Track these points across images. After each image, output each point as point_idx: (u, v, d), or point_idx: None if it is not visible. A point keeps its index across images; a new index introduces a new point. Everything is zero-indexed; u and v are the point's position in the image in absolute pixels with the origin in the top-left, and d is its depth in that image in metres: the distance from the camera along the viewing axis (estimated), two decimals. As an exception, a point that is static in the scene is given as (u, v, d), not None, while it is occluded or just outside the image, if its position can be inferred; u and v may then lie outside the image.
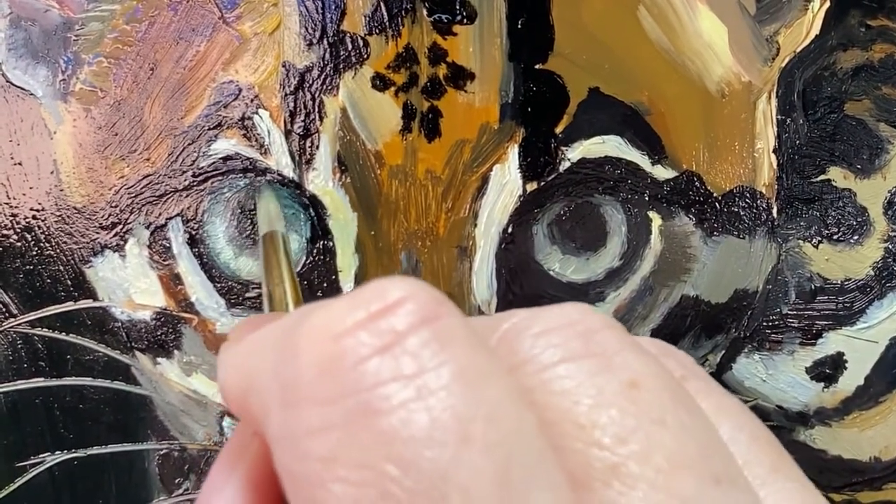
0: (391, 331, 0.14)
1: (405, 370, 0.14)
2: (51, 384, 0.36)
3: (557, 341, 0.16)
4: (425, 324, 0.14)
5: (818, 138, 0.37)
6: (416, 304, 0.15)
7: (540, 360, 0.16)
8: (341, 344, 0.14)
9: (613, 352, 0.16)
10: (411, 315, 0.14)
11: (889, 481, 0.40)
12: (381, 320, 0.14)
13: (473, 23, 0.35)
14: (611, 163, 0.36)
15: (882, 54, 0.38)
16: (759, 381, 0.39)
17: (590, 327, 0.16)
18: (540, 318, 0.16)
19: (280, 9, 0.35)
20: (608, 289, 0.37)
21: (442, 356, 0.14)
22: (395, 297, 0.15)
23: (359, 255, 0.35)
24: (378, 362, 0.14)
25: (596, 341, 0.16)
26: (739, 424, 0.17)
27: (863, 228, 0.38)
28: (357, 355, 0.14)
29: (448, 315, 0.15)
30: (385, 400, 0.14)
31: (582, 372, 0.15)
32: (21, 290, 0.35)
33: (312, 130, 0.35)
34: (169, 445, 0.36)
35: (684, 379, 0.18)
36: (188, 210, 0.35)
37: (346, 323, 0.14)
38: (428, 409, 0.14)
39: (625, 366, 0.16)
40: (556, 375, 0.15)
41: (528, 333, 0.16)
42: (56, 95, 0.35)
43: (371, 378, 0.14)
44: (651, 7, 0.36)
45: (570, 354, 0.16)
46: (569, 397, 0.15)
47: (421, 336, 0.14)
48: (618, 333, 0.16)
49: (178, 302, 0.35)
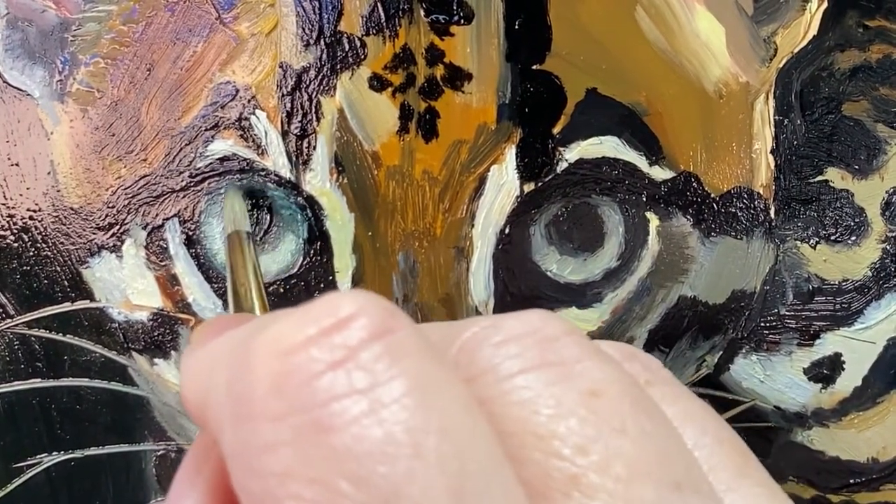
0: (343, 346, 0.14)
1: (357, 385, 0.14)
2: (48, 385, 0.36)
3: (516, 351, 0.16)
4: (377, 338, 0.14)
5: (816, 139, 0.37)
6: (368, 318, 0.15)
7: (499, 371, 0.16)
8: (293, 360, 0.14)
9: (574, 360, 0.16)
10: (363, 329, 0.14)
11: (887, 482, 0.40)
12: (334, 335, 0.14)
13: (471, 23, 0.35)
14: (608, 163, 0.36)
15: (880, 55, 0.37)
16: (757, 381, 0.39)
17: (550, 335, 0.16)
18: (500, 327, 0.16)
19: (277, 9, 0.35)
20: (606, 289, 0.37)
21: (394, 369, 0.14)
22: (347, 312, 0.15)
23: (356, 255, 0.35)
24: (330, 378, 0.14)
25: (556, 350, 0.16)
26: (704, 428, 0.17)
27: (860, 229, 0.38)
28: (308, 371, 0.14)
29: (401, 328, 0.15)
30: (337, 416, 0.14)
31: (540, 382, 0.15)
32: (18, 290, 0.35)
33: (309, 131, 0.35)
34: (166, 446, 0.36)
35: (649, 384, 0.17)
36: (185, 211, 0.35)
37: (298, 338, 0.14)
38: (380, 423, 0.13)
39: (585, 374, 0.16)
40: (515, 386, 0.15)
41: (488, 343, 0.16)
42: (53, 96, 0.35)
43: (323, 394, 0.14)
44: (648, 7, 0.36)
45: (529, 364, 0.16)
46: (527, 407, 0.15)
47: (373, 350, 0.14)
48: (578, 340, 0.16)
49: (176, 303, 0.35)
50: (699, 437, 0.17)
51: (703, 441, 0.17)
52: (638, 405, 0.15)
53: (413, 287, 0.36)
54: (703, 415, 0.18)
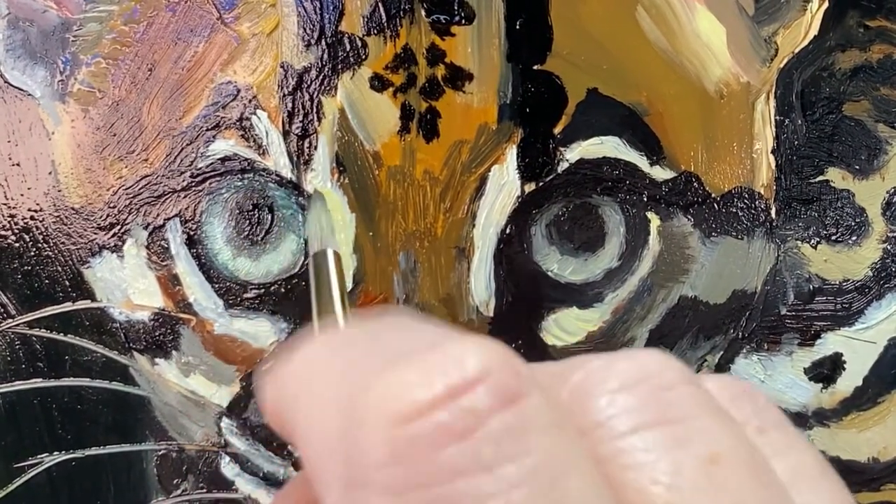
0: (471, 412, 0.13)
1: (485, 460, 0.13)
2: (49, 385, 0.36)
3: (633, 403, 0.15)
4: (507, 405, 0.13)
5: (817, 139, 0.37)
6: (496, 379, 0.13)
7: (614, 427, 0.15)
8: (416, 426, 0.13)
9: (692, 416, 0.15)
10: (493, 394, 0.13)
11: (887, 482, 0.40)
12: (461, 399, 0.13)
13: (472, 23, 0.35)
14: (609, 163, 0.36)
15: (880, 55, 0.37)
16: (758, 381, 0.39)
17: (665, 384, 0.15)
18: (613, 370, 0.15)
19: (278, 9, 0.35)
20: (606, 289, 0.37)
21: (524, 444, 0.13)
22: (474, 370, 0.13)
23: (357, 255, 0.35)
24: (457, 451, 0.13)
25: (673, 403, 0.15)
26: (817, 490, 0.16)
27: (861, 229, 0.38)
28: (434, 441, 0.13)
29: (530, 393, 0.14)
30: (464, 495, 0.13)
31: (658, 444, 0.14)
32: (19, 290, 0.35)
33: (310, 131, 0.35)
34: (167, 446, 0.36)
35: (761, 432, 0.16)
36: (186, 211, 0.35)
37: (421, 399, 0.13)
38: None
39: (704, 435, 0.15)
40: (632, 447, 0.14)
41: (602, 389, 0.15)
42: (54, 96, 0.35)
43: (448, 469, 0.13)
44: (649, 8, 0.36)
45: (646, 421, 0.15)
46: (645, 473, 0.14)
47: (503, 420, 0.13)
48: (695, 391, 0.15)
49: (177, 302, 0.35)
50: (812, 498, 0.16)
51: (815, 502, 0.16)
52: (756, 473, 0.15)
53: (414, 287, 0.36)
54: (817, 473, 0.17)
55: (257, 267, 0.35)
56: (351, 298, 0.35)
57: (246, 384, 0.36)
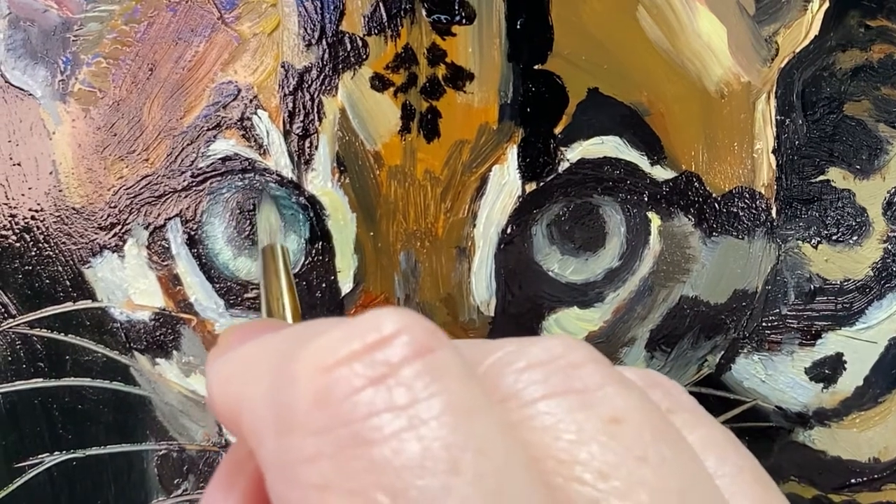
0: (385, 362, 0.15)
1: (398, 401, 0.14)
2: (49, 385, 0.36)
3: (539, 377, 0.16)
4: (419, 356, 0.15)
5: (817, 139, 0.37)
6: (410, 336, 0.15)
7: (521, 397, 0.16)
8: (335, 374, 0.15)
9: (595, 387, 0.16)
10: (405, 347, 0.15)
11: (888, 482, 0.40)
12: (376, 352, 0.15)
13: (472, 23, 0.35)
14: (610, 163, 0.36)
15: (881, 55, 0.37)
16: (759, 381, 0.39)
17: (573, 362, 0.16)
18: (524, 352, 0.17)
19: (279, 9, 0.35)
20: (607, 289, 0.37)
21: (434, 387, 0.14)
22: (390, 330, 0.15)
23: (358, 255, 0.35)
24: (371, 393, 0.14)
25: (578, 377, 0.16)
26: (725, 456, 0.17)
27: (862, 229, 0.38)
28: (351, 386, 0.14)
29: (441, 347, 0.15)
30: (377, 430, 0.14)
31: (562, 408, 0.16)
32: (20, 290, 0.35)
33: (311, 131, 0.35)
34: (168, 446, 0.36)
35: (671, 412, 0.18)
36: (187, 211, 0.35)
37: (341, 353, 0.15)
38: (419, 438, 0.14)
39: (606, 401, 0.16)
40: (538, 412, 0.16)
41: (512, 368, 0.16)
42: (55, 96, 0.35)
43: (364, 408, 0.14)
44: (650, 7, 0.36)
45: (551, 391, 0.16)
46: (550, 433, 0.15)
47: (414, 368, 0.15)
48: (601, 368, 0.16)
49: (177, 302, 0.35)
50: (720, 466, 0.17)
51: (723, 469, 0.17)
52: (659, 433, 0.16)
53: (415, 287, 0.36)
54: (724, 442, 0.18)
55: (258, 267, 0.35)
56: (352, 298, 0.35)
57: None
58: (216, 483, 0.18)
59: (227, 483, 0.18)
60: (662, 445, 0.15)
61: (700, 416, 0.18)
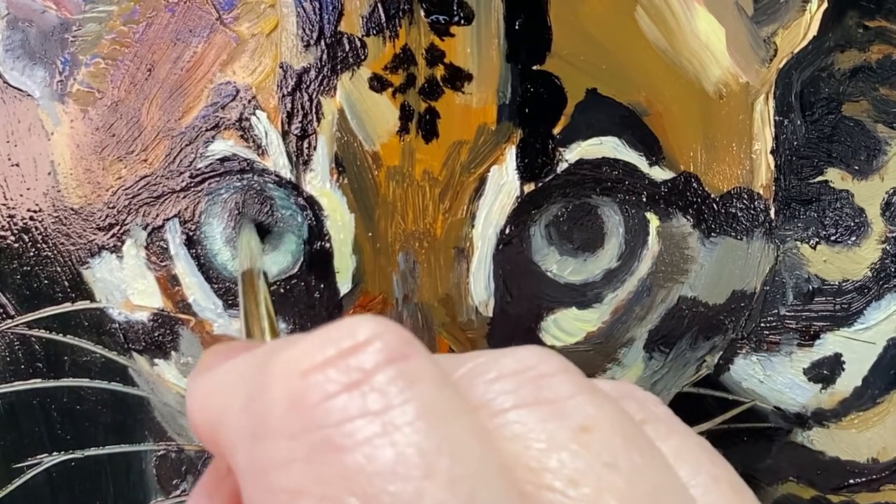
0: (359, 368, 0.15)
1: (371, 406, 0.14)
2: (48, 385, 0.36)
3: (510, 387, 0.16)
4: (392, 362, 0.15)
5: (816, 139, 0.37)
6: (384, 343, 0.15)
7: (492, 406, 0.16)
8: (309, 380, 0.15)
9: (566, 396, 0.16)
10: (379, 353, 0.15)
11: (887, 482, 0.40)
12: (350, 358, 0.15)
13: (471, 24, 0.35)
14: (608, 164, 0.36)
15: (880, 55, 0.38)
16: (757, 382, 0.39)
17: (543, 372, 0.16)
18: (496, 363, 0.17)
19: (277, 10, 0.35)
20: (606, 290, 0.37)
21: (408, 393, 0.14)
22: (365, 336, 0.15)
23: (356, 256, 0.35)
24: (345, 399, 0.14)
25: (548, 387, 0.16)
26: (698, 466, 0.17)
27: (860, 229, 0.38)
28: (324, 391, 0.14)
29: (415, 355, 0.15)
30: (350, 435, 0.14)
31: (532, 417, 0.16)
32: (18, 291, 0.35)
33: (310, 131, 0.35)
34: (166, 446, 0.36)
35: (644, 422, 0.18)
36: (185, 211, 0.35)
37: (316, 359, 0.15)
38: (393, 444, 0.14)
39: (577, 410, 0.16)
40: (508, 421, 0.16)
41: (483, 379, 0.16)
42: (53, 96, 0.35)
43: (337, 414, 0.14)
44: (648, 8, 0.36)
45: (522, 401, 0.16)
46: (520, 442, 0.15)
47: (388, 374, 0.15)
48: (572, 378, 0.16)
49: (176, 303, 0.35)
50: (694, 475, 0.17)
51: (697, 479, 0.17)
52: (630, 440, 0.16)
53: (413, 287, 0.36)
54: (698, 451, 0.18)
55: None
56: (350, 298, 0.35)
57: (245, 384, 0.36)
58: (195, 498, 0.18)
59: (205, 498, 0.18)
60: (633, 452, 0.15)
61: (674, 426, 0.18)
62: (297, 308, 0.35)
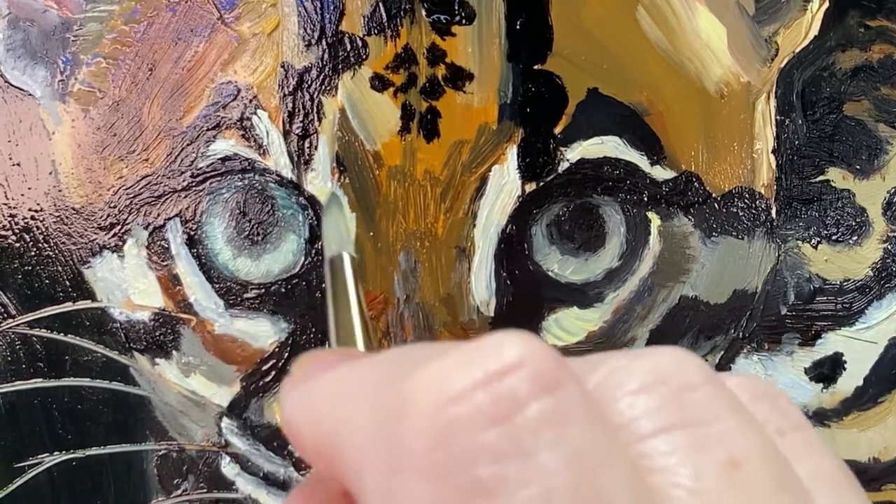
0: (510, 396, 0.13)
1: (524, 446, 0.13)
2: (49, 385, 0.36)
3: (653, 405, 0.15)
4: (545, 391, 0.14)
5: (817, 139, 0.37)
6: (534, 366, 0.14)
7: (636, 430, 0.15)
8: (457, 410, 0.13)
9: (713, 418, 0.15)
10: (530, 381, 0.14)
11: (888, 482, 0.40)
12: (498, 384, 0.13)
13: (472, 23, 0.35)
14: (610, 163, 0.36)
15: (881, 55, 0.37)
16: (758, 381, 0.39)
17: (687, 383, 0.15)
18: (633, 370, 0.15)
19: (279, 9, 0.35)
20: (607, 289, 0.37)
21: (563, 432, 0.13)
22: (513, 358, 0.14)
23: (357, 255, 0.35)
24: (496, 435, 0.13)
25: (693, 405, 0.15)
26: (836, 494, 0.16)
27: (862, 229, 0.38)
28: (474, 424, 0.13)
29: (566, 382, 0.14)
30: (501, 479, 0.13)
31: (679, 447, 0.15)
32: (19, 290, 0.35)
33: (311, 131, 0.35)
34: (167, 446, 0.36)
35: (781, 433, 0.16)
36: (187, 211, 0.35)
37: (461, 383, 0.13)
38: (546, 493, 0.13)
39: (725, 438, 0.15)
40: (655, 450, 0.14)
41: (623, 391, 0.15)
42: (54, 96, 0.35)
43: (488, 452, 0.13)
44: (650, 7, 0.36)
45: (668, 423, 0.15)
46: (667, 477, 0.14)
47: (541, 405, 0.13)
48: (716, 391, 0.15)
49: (177, 302, 0.35)
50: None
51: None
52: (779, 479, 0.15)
53: (414, 287, 0.36)
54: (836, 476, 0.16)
55: (257, 267, 0.35)
56: (351, 298, 0.35)
57: (246, 384, 0.36)
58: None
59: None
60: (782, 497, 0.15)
61: (810, 440, 0.17)
62: (298, 308, 0.35)
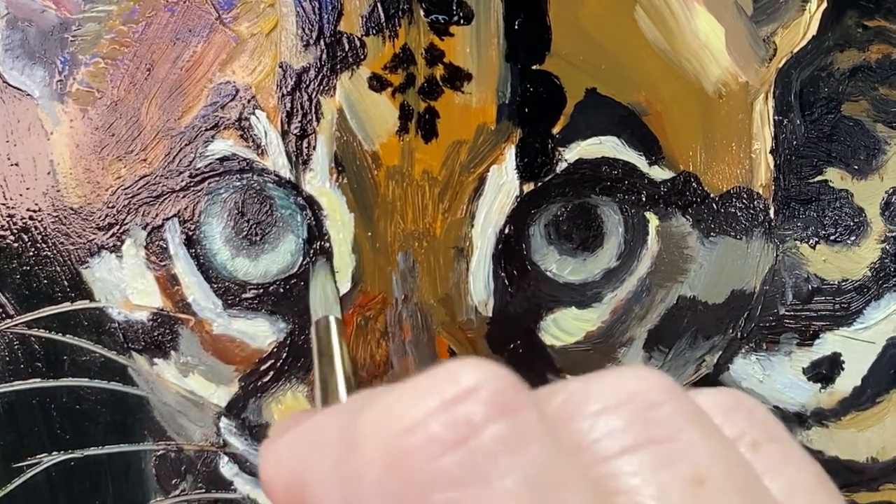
0: (466, 422, 0.13)
1: (481, 470, 0.13)
2: (47, 385, 0.36)
3: (617, 424, 0.15)
4: (501, 414, 0.13)
5: (815, 139, 0.37)
6: (490, 391, 0.14)
7: (599, 451, 0.14)
8: (410, 438, 0.13)
9: (676, 433, 0.15)
10: (486, 404, 0.13)
11: (886, 482, 0.40)
12: (454, 409, 0.13)
13: (470, 23, 0.35)
14: (608, 163, 0.36)
15: (879, 55, 0.38)
16: (756, 381, 0.39)
17: (651, 402, 0.15)
18: (595, 391, 0.15)
19: (277, 9, 0.35)
20: (605, 290, 0.37)
21: (519, 456, 0.13)
22: (469, 383, 0.14)
23: (355, 255, 0.35)
24: (452, 460, 0.13)
25: (658, 422, 0.15)
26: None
27: (860, 229, 0.38)
28: (429, 452, 0.13)
29: (523, 406, 0.14)
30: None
31: (644, 466, 0.14)
32: (18, 290, 0.35)
33: (309, 131, 0.35)
34: (166, 446, 0.36)
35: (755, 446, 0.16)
36: (185, 211, 0.35)
37: (416, 412, 0.13)
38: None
39: (689, 454, 0.14)
40: (620, 471, 0.14)
41: (586, 412, 0.15)
42: (53, 96, 0.35)
43: (445, 478, 0.13)
44: (648, 7, 0.36)
45: (632, 442, 0.14)
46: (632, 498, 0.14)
47: (498, 429, 0.13)
48: (681, 406, 0.15)
49: (175, 303, 0.35)
50: None
51: None
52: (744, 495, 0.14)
53: (413, 287, 0.36)
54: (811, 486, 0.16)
55: (256, 267, 0.35)
56: (350, 298, 0.35)
57: (244, 384, 0.36)
58: None
59: None
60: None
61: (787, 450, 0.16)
62: (297, 308, 0.35)
